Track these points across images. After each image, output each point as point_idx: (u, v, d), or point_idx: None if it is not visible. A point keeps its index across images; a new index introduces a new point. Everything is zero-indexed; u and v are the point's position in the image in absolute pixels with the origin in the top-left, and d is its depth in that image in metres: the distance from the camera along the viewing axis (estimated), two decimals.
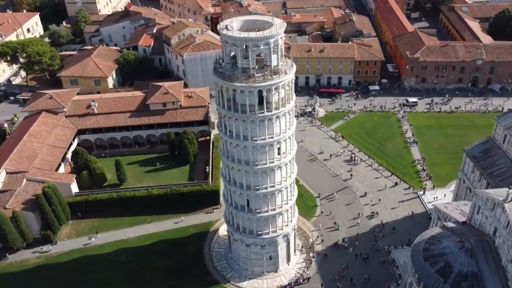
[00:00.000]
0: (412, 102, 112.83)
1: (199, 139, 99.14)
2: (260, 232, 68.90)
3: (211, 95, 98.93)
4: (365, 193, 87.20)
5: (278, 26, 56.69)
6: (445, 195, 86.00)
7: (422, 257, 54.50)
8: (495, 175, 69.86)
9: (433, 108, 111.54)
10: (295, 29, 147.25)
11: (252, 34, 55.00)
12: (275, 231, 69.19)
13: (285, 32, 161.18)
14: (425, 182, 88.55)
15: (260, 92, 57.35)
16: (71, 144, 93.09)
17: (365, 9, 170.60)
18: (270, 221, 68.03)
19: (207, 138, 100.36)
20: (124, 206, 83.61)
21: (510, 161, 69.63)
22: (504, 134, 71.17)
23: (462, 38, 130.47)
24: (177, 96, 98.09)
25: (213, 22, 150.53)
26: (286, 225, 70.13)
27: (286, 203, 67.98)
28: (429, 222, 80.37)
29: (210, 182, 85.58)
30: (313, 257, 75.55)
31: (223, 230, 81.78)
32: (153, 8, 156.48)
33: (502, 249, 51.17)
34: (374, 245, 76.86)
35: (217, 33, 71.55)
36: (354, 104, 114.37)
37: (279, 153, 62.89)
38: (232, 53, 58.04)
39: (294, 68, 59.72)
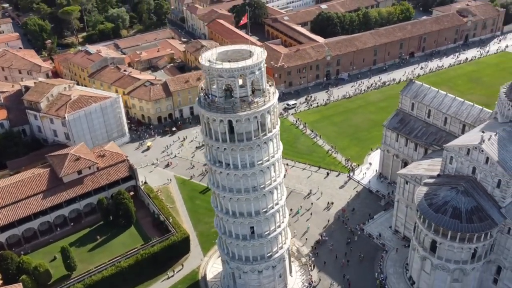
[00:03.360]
0: (292, 104, 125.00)
1: None
2: (270, 254, 69.25)
3: None
4: (310, 190, 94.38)
5: (262, 51, 58.87)
6: (362, 171, 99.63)
7: (432, 211, 64.34)
8: (419, 136, 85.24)
9: (311, 105, 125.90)
10: (147, 66, 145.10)
11: (249, 62, 56.08)
12: (281, 248, 70.49)
13: (138, 69, 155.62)
14: (354, 163, 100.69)
15: (262, 116, 58.70)
16: None
17: (193, 36, 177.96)
18: (277, 239, 69.22)
19: (131, 193, 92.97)
20: None
21: (424, 122, 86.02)
22: (412, 103, 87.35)
23: (298, 42, 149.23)
24: (91, 159, 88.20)
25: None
26: (287, 238, 72.16)
27: (285, 217, 70.12)
28: (372, 195, 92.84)
29: (176, 232, 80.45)
30: (309, 259, 79.11)
31: (210, 273, 78.36)
32: None
33: (485, 181, 64.50)
34: (346, 229, 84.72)
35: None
36: None
37: (275, 171, 64.99)
38: (224, 86, 57.73)
39: (277, 91, 62.44)
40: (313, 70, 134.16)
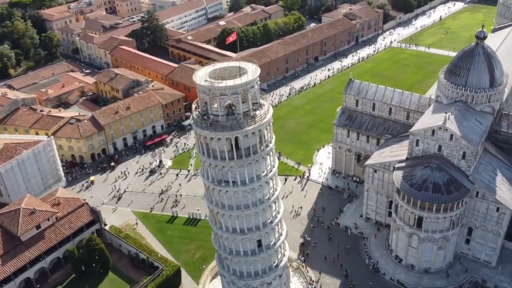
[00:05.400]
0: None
1: None
2: (276, 263, 69.92)
3: None
4: None
5: (255, 66, 59.83)
6: (316, 171, 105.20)
7: (415, 190, 71.38)
8: (369, 128, 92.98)
9: None
10: (56, 103, 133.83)
11: (250, 76, 56.85)
12: (284, 255, 71.59)
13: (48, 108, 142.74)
14: (309, 165, 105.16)
15: (265, 128, 59.67)
16: None
17: (93, 66, 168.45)
18: (281, 247, 70.14)
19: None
20: None
21: (370, 115, 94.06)
22: (356, 100, 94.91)
23: (210, 59, 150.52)
24: (47, 209, 79.36)
25: None
26: (285, 244, 73.38)
27: (283, 225, 71.45)
28: (333, 191, 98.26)
29: (165, 266, 76.32)
30: (301, 261, 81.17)
31: None
32: None
33: (451, 155, 73.45)
34: (323, 226, 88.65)
35: None
36: (185, 143, 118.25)
37: (275, 181, 66.26)
38: (225, 104, 57.53)
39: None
40: None
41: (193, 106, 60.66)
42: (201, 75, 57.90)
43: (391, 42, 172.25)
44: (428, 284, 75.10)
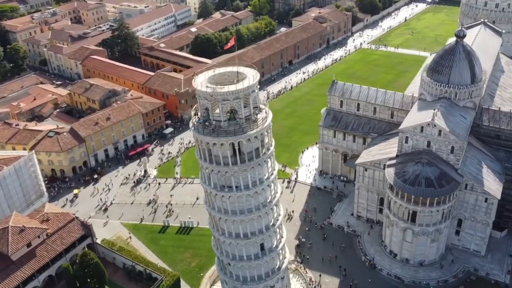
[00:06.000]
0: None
1: None
2: (278, 266, 70.23)
3: None
4: None
5: (254, 70, 60.09)
6: (303, 173, 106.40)
7: (409, 186, 73.51)
8: (355, 128, 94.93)
9: None
10: (30, 116, 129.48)
11: (251, 81, 56.98)
12: (285, 257, 71.99)
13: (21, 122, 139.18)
14: (296, 167, 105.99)
15: (267, 131, 60.05)
16: None
17: (63, 77, 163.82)
18: (282, 249, 70.57)
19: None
20: None
21: (354, 115, 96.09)
22: (340, 101, 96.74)
23: (185, 66, 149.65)
24: (37, 226, 76.62)
25: None
26: (286, 247, 73.87)
27: (283, 227, 71.89)
28: (322, 191, 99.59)
29: (164, 277, 75.15)
30: (298, 263, 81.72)
31: None
32: None
33: (440, 150, 76.09)
34: (316, 227, 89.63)
35: None
36: (169, 152, 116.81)
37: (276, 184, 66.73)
38: (227, 109, 57.50)
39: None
40: None
41: (192, 112, 60.38)
42: (201, 82, 57.82)
43: (361, 43, 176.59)
44: (424, 277, 77.33)
